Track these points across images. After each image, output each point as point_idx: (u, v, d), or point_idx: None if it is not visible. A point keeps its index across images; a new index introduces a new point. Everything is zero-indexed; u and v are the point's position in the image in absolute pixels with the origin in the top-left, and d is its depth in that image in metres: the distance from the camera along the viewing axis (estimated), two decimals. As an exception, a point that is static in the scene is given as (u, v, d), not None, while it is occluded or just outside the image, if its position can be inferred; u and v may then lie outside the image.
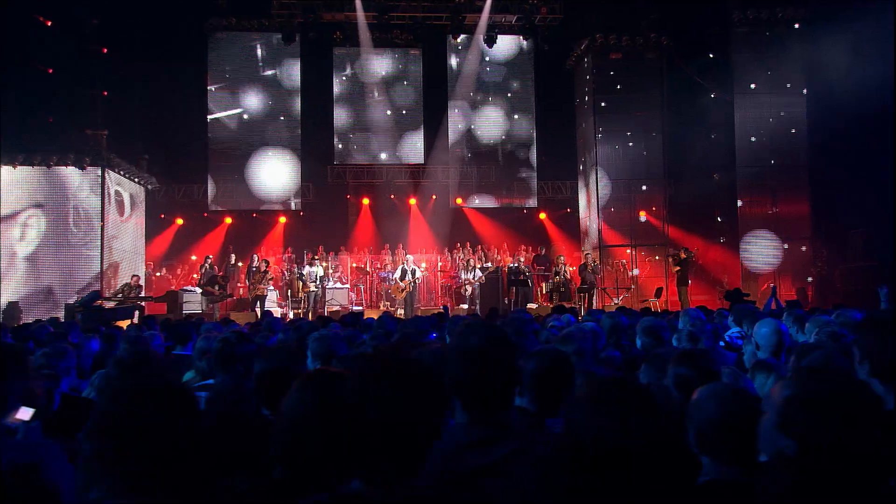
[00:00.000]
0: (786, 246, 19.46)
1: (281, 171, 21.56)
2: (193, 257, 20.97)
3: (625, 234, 20.48)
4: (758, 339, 4.42)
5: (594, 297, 18.33)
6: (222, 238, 21.71)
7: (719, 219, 21.28)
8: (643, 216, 20.56)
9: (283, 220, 22.18)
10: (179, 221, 21.83)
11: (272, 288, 18.68)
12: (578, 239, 22.26)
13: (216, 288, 17.42)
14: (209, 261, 18.84)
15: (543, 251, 20.24)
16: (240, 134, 21.41)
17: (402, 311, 17.35)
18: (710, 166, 20.65)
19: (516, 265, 17.89)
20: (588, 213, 21.23)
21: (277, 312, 17.77)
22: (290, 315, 17.88)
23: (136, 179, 19.53)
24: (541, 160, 22.26)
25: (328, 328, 5.36)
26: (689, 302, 16.79)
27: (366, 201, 22.63)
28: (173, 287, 18.84)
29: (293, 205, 21.76)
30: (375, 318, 8.42)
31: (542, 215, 23.03)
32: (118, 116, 19.23)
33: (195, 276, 19.21)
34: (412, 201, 22.74)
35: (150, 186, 20.34)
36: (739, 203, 19.79)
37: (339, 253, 21.05)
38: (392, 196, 22.70)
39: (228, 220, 21.92)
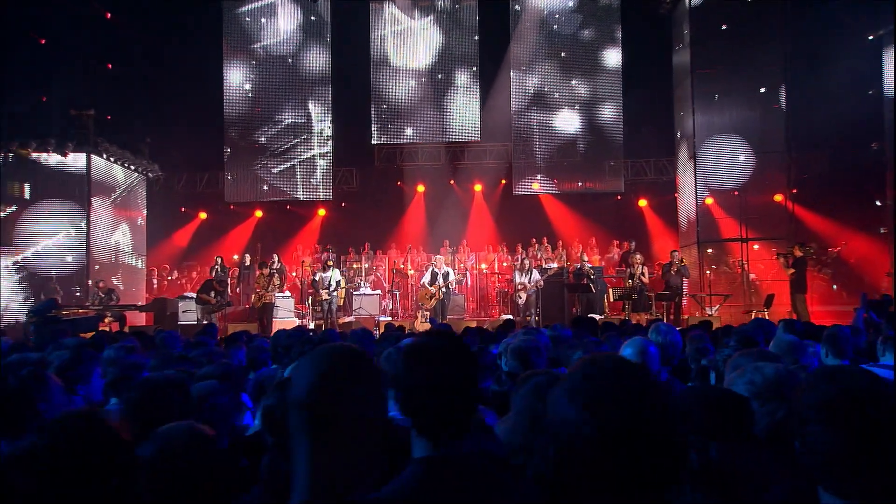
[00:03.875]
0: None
1: (315, 156, 18.21)
2: (217, 258, 18.13)
3: (736, 224, 15.80)
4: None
5: (682, 306, 14.02)
6: (249, 234, 18.80)
7: (878, 203, 15.98)
8: (779, 198, 15.86)
9: (322, 212, 18.99)
10: (203, 216, 19.11)
11: (287, 294, 15.51)
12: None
13: (212, 295, 14.31)
14: (220, 262, 16.03)
15: (634, 247, 15.98)
16: (262, 112, 18.14)
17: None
18: (855, 133, 15.52)
19: (580, 266, 13.74)
20: (687, 199, 16.67)
21: (295, 323, 14.63)
22: (311, 326, 14.63)
23: (134, 167, 16.71)
24: (630, 133, 17.70)
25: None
26: (808, 314, 12.19)
27: (420, 188, 19.04)
28: (189, 292, 16.01)
29: (328, 195, 18.32)
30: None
31: (643, 202, 18.69)
32: (121, 94, 16.71)
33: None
34: (478, 188, 19.04)
35: (151, 174, 17.56)
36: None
37: (384, 251, 17.74)
38: (452, 182, 19.08)
39: (259, 214, 18.98)
